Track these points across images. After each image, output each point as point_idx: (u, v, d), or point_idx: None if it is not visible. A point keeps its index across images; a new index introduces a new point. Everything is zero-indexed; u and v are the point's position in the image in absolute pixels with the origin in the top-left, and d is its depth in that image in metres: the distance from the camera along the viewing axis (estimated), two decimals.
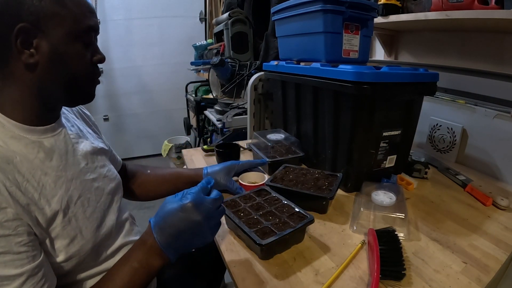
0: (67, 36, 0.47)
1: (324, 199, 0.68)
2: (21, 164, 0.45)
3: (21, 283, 0.41)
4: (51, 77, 0.48)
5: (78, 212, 0.51)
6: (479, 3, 0.76)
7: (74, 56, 0.48)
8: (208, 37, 3.04)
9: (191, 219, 0.47)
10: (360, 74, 0.68)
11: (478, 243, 0.60)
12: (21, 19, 0.43)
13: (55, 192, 0.49)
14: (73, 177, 0.53)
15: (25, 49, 0.44)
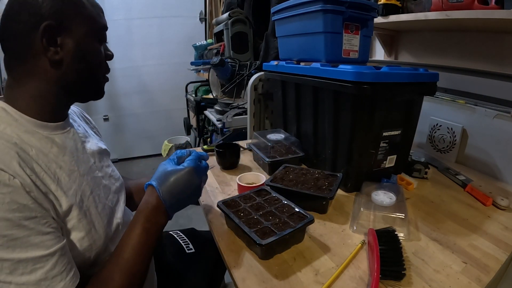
0: (88, 34, 0.51)
1: (324, 199, 0.68)
2: (37, 156, 0.46)
3: (54, 263, 0.42)
4: (74, 73, 0.50)
5: (91, 207, 0.53)
6: (479, 3, 0.76)
7: (93, 52, 0.53)
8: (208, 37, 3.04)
9: (191, 181, 0.56)
10: (360, 74, 0.68)
11: (478, 243, 0.60)
12: (44, 18, 0.45)
13: (70, 186, 0.49)
14: (85, 173, 0.54)
15: (50, 47, 0.47)
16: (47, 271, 0.41)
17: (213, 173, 0.94)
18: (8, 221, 0.38)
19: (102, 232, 0.53)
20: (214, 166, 0.99)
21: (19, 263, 0.39)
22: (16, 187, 0.40)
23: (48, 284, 0.41)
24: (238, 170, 0.95)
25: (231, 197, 0.68)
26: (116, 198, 0.62)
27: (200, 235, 0.95)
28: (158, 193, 0.53)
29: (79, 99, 0.57)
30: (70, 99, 0.55)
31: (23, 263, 0.39)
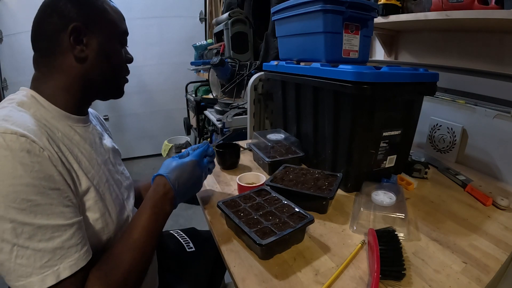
0: (110, 36, 0.56)
1: (324, 199, 0.68)
2: (63, 139, 0.51)
3: (71, 234, 0.44)
4: (96, 70, 0.55)
5: (106, 193, 0.56)
6: (479, 3, 0.76)
7: (115, 53, 0.58)
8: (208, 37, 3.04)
9: (195, 172, 0.63)
10: (360, 74, 0.68)
11: (478, 243, 0.60)
12: (72, 19, 0.51)
13: (89, 169, 0.53)
14: (102, 163, 0.58)
15: (76, 45, 0.52)
16: (64, 241, 0.43)
17: (213, 173, 0.94)
18: (34, 187, 0.41)
19: (115, 217, 0.56)
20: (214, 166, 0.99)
21: (39, 229, 0.41)
22: (45, 158, 0.43)
23: (64, 253, 0.43)
24: (238, 170, 0.95)
25: (231, 197, 0.68)
26: (127, 194, 0.66)
27: (200, 234, 0.96)
28: (168, 181, 0.59)
29: (100, 96, 0.61)
30: (92, 95, 0.59)
31: (43, 230, 0.41)
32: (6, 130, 0.41)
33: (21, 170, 0.40)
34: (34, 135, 0.43)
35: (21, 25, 2.49)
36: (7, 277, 0.41)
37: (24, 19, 2.53)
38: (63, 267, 0.42)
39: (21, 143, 0.41)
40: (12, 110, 0.47)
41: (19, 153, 0.40)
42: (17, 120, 0.44)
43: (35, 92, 0.52)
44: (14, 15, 2.50)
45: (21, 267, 0.40)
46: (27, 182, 0.40)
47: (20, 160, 0.40)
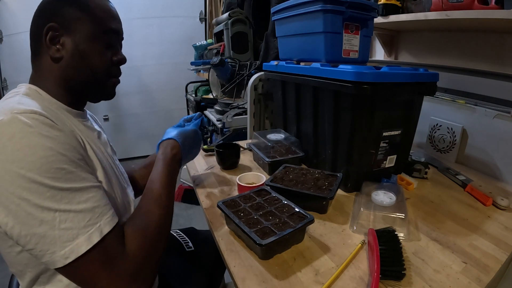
0: (89, 36, 0.54)
1: (324, 199, 0.68)
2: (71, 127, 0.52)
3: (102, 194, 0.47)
4: (72, 70, 0.55)
5: (113, 177, 0.59)
6: (479, 3, 0.76)
7: (94, 53, 0.55)
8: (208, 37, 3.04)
9: (197, 139, 0.72)
10: (360, 74, 0.68)
11: (478, 243, 0.60)
12: (51, 19, 0.52)
13: (98, 152, 0.56)
14: (104, 153, 0.60)
15: (52, 45, 0.53)
16: (98, 199, 0.46)
17: (213, 173, 0.94)
18: (64, 156, 0.43)
19: (120, 201, 0.59)
20: (214, 166, 0.99)
21: (76, 192, 0.43)
22: (66, 132, 0.46)
23: (101, 211, 0.45)
24: (238, 170, 0.95)
25: (231, 197, 0.68)
26: (126, 185, 0.67)
27: (199, 233, 0.96)
28: (178, 142, 0.65)
29: (87, 96, 0.61)
30: (79, 95, 0.59)
31: (79, 192, 0.44)
32: (25, 110, 0.43)
33: (49, 142, 0.42)
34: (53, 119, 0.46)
35: (21, 25, 2.49)
36: (50, 250, 0.41)
37: (24, 19, 2.52)
38: (103, 223, 0.45)
39: (43, 119, 0.43)
40: (22, 98, 0.49)
41: (44, 127, 0.43)
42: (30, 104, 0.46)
43: (36, 87, 0.54)
44: (14, 15, 2.50)
45: (66, 231, 0.41)
46: (57, 152, 0.42)
47: (46, 133, 0.42)
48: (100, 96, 0.62)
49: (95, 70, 0.56)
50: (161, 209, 0.54)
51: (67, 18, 0.53)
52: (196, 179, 0.91)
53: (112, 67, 0.59)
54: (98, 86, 0.59)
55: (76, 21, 0.53)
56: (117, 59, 0.59)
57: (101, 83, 0.59)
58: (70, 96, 0.57)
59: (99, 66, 0.57)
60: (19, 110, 0.43)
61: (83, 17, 0.53)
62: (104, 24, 0.56)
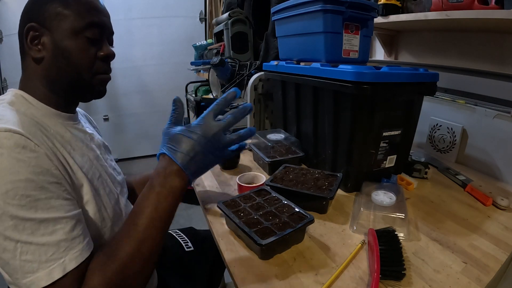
0: (69, 32, 0.51)
1: (324, 199, 0.68)
2: (55, 136, 0.50)
3: (73, 226, 0.44)
4: (54, 70, 0.53)
5: (100, 188, 0.56)
6: (479, 3, 0.76)
7: (76, 50, 0.52)
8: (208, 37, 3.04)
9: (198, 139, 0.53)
10: (360, 74, 0.68)
11: (478, 243, 0.60)
12: (31, 19, 0.51)
13: (83, 164, 0.53)
14: (94, 159, 0.58)
15: (33, 46, 0.51)
16: (67, 232, 0.43)
17: (213, 173, 0.94)
18: (32, 182, 0.40)
19: (111, 212, 0.56)
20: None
21: (40, 223, 0.40)
22: (41, 153, 0.43)
23: (68, 245, 0.43)
24: (238, 170, 0.95)
25: (231, 197, 0.68)
26: (120, 188, 0.66)
27: (198, 233, 0.96)
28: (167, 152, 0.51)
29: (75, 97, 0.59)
30: (67, 95, 0.57)
31: (45, 224, 0.41)
32: None
33: (18, 166, 0.40)
34: (28, 132, 0.43)
35: None
36: (14, 276, 0.40)
37: None
38: (68, 258, 0.42)
39: (16, 140, 0.41)
40: (3, 109, 0.47)
41: (15, 149, 0.40)
42: (10, 119, 0.44)
43: (23, 92, 0.53)
44: (14, 15, 2.49)
45: (26, 263, 0.40)
46: (25, 178, 0.40)
47: (16, 156, 0.40)
48: (89, 95, 0.59)
49: (79, 68, 0.53)
50: (132, 240, 0.46)
51: (46, 16, 0.51)
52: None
53: (98, 63, 0.56)
54: (85, 85, 0.56)
55: (55, 18, 0.51)
56: (103, 54, 0.56)
57: (87, 81, 0.55)
58: (57, 97, 0.55)
59: (82, 64, 0.53)
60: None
61: (62, 13, 0.51)
62: (85, 18, 0.52)
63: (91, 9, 0.53)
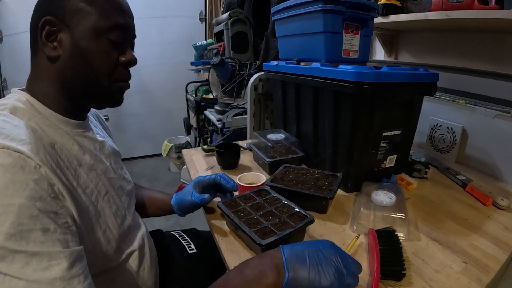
0: (91, 31, 0.46)
1: (324, 199, 0.68)
2: (61, 151, 0.46)
3: (71, 263, 0.38)
4: (70, 72, 0.48)
5: (105, 208, 0.52)
6: (479, 3, 0.76)
7: (96, 53, 0.48)
8: (208, 37, 3.04)
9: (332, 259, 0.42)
10: (360, 74, 0.68)
11: (478, 243, 0.60)
12: (49, 12, 0.45)
13: (87, 184, 0.49)
14: (102, 173, 0.54)
15: (48, 42, 0.46)
16: (64, 270, 0.37)
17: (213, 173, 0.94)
18: (27, 208, 0.35)
19: (116, 232, 0.53)
20: (214, 166, 0.99)
21: (33, 256, 0.35)
22: (41, 176, 0.38)
23: (64, 286, 0.36)
24: (238, 170, 0.95)
25: (231, 197, 0.68)
26: (128, 201, 0.62)
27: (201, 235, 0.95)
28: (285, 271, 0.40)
29: (90, 103, 0.55)
30: (81, 101, 0.52)
31: (38, 257, 0.35)
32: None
33: (13, 188, 0.35)
34: (30, 149, 0.39)
35: (21, 25, 2.49)
36: None
37: (24, 19, 2.52)
38: None
39: (14, 158, 0.36)
40: (4, 119, 0.42)
41: (11, 169, 0.36)
42: (11, 133, 0.39)
43: (29, 95, 0.48)
44: (14, 15, 2.50)
45: None
46: (19, 203, 0.35)
47: (11, 177, 0.35)
48: (105, 102, 0.54)
49: (98, 72, 0.49)
50: None
51: (67, 11, 0.45)
52: None
53: (119, 69, 0.51)
54: (102, 92, 0.51)
55: (76, 14, 0.45)
56: (125, 59, 0.51)
57: (105, 88, 0.51)
58: (69, 102, 0.50)
59: (102, 68, 0.49)
60: None
61: (85, 9, 0.46)
62: (110, 18, 0.47)
63: (117, 9, 0.49)
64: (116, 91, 0.53)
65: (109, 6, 0.48)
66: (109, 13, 0.47)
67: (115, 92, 0.53)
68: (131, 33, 0.53)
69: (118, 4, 0.49)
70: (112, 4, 0.48)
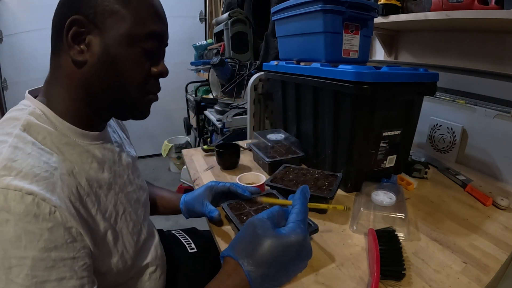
0: (124, 38, 0.42)
1: (324, 199, 0.68)
2: (80, 175, 0.43)
3: None
4: (96, 80, 0.43)
5: (123, 227, 0.50)
6: (479, 3, 0.76)
7: (128, 62, 0.44)
8: (208, 37, 3.04)
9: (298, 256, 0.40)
10: (360, 74, 0.68)
11: (478, 243, 0.60)
12: (78, 11, 0.40)
13: (106, 207, 0.47)
14: (120, 190, 0.51)
15: (75, 44, 0.42)
16: None
17: (213, 173, 0.94)
18: (42, 260, 0.33)
19: (132, 251, 0.52)
20: (214, 166, 0.99)
21: None
22: (56, 222, 0.35)
23: None
24: (238, 170, 0.95)
25: (236, 200, 0.67)
26: (144, 211, 0.60)
27: (201, 234, 0.96)
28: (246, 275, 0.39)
29: (113, 113, 0.51)
30: (104, 111, 0.48)
31: None
32: (8, 186, 0.33)
33: (26, 240, 0.33)
34: (45, 187, 0.35)
35: (21, 25, 2.49)
36: None
37: (24, 19, 2.53)
38: None
39: (27, 204, 0.33)
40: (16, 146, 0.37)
41: (24, 218, 0.33)
42: (23, 166, 0.35)
43: (45, 106, 0.43)
44: (14, 15, 2.50)
45: None
46: (33, 256, 0.33)
47: (25, 227, 0.33)
48: (130, 115, 0.50)
49: (129, 83, 0.45)
50: None
51: (99, 12, 0.41)
52: (196, 179, 0.91)
53: (150, 80, 0.47)
54: (130, 104, 0.47)
55: (109, 17, 0.41)
56: (158, 71, 0.47)
57: (134, 99, 0.47)
58: (90, 112, 0.46)
59: (133, 79, 0.45)
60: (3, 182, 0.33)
61: (120, 12, 0.41)
62: (146, 25, 0.43)
63: (155, 15, 0.44)
64: (144, 104, 0.49)
65: (146, 11, 0.43)
66: (145, 20, 0.43)
67: (143, 104, 0.49)
68: (165, 42, 0.49)
69: (155, 10, 0.45)
70: (149, 9, 0.44)
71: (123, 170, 0.54)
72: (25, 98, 0.45)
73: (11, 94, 2.66)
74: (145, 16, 0.43)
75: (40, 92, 0.47)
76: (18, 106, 0.44)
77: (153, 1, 0.45)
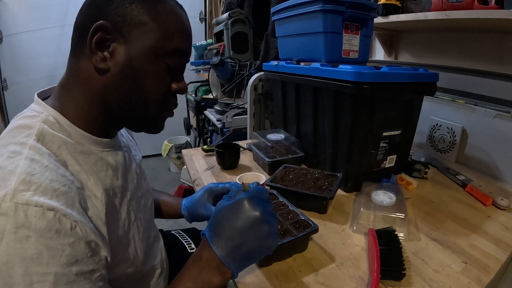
0: (149, 51, 0.41)
1: (324, 199, 0.68)
2: (96, 186, 0.42)
3: None
4: (118, 91, 0.42)
5: (135, 234, 0.50)
6: (479, 3, 0.76)
7: (151, 76, 0.42)
8: (208, 37, 3.04)
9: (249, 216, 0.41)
10: (360, 74, 0.68)
11: (478, 243, 0.60)
12: (105, 16, 0.39)
13: (120, 215, 0.47)
14: (132, 197, 0.51)
15: (98, 50, 0.40)
16: None
17: (213, 173, 0.94)
18: (63, 276, 0.33)
19: (142, 256, 0.52)
20: (214, 166, 0.99)
21: None
22: (77, 237, 0.35)
23: None
24: (238, 170, 0.96)
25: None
26: (150, 214, 0.61)
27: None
28: (210, 243, 0.41)
29: (128, 125, 0.50)
30: (119, 121, 0.48)
31: None
32: (28, 202, 0.32)
33: (48, 256, 0.32)
34: (65, 202, 0.35)
35: (21, 25, 2.49)
36: None
37: (24, 19, 2.53)
38: None
39: (49, 220, 0.32)
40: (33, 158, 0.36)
41: (46, 234, 0.32)
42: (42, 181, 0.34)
43: (57, 113, 0.42)
44: (14, 15, 2.50)
45: None
46: (55, 272, 0.32)
47: (46, 243, 0.32)
48: (145, 128, 0.49)
49: (149, 98, 0.44)
50: None
51: (127, 20, 0.40)
52: (196, 179, 0.91)
53: (169, 96, 0.46)
54: (147, 118, 0.46)
55: (137, 27, 0.40)
56: (178, 88, 0.46)
57: (151, 115, 0.46)
58: (104, 121, 0.45)
59: (154, 94, 0.44)
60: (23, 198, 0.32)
61: (149, 24, 0.40)
62: (172, 41, 0.42)
63: (182, 31, 0.44)
64: (160, 119, 0.48)
65: (174, 27, 0.43)
66: (173, 35, 0.42)
67: (159, 120, 0.48)
68: (188, 59, 0.48)
69: (183, 27, 0.44)
70: (178, 25, 0.43)
71: (133, 175, 0.54)
72: (35, 102, 0.44)
73: (11, 94, 2.66)
74: (173, 32, 0.43)
75: (52, 94, 0.46)
76: (29, 112, 0.42)
77: (182, 17, 0.44)
